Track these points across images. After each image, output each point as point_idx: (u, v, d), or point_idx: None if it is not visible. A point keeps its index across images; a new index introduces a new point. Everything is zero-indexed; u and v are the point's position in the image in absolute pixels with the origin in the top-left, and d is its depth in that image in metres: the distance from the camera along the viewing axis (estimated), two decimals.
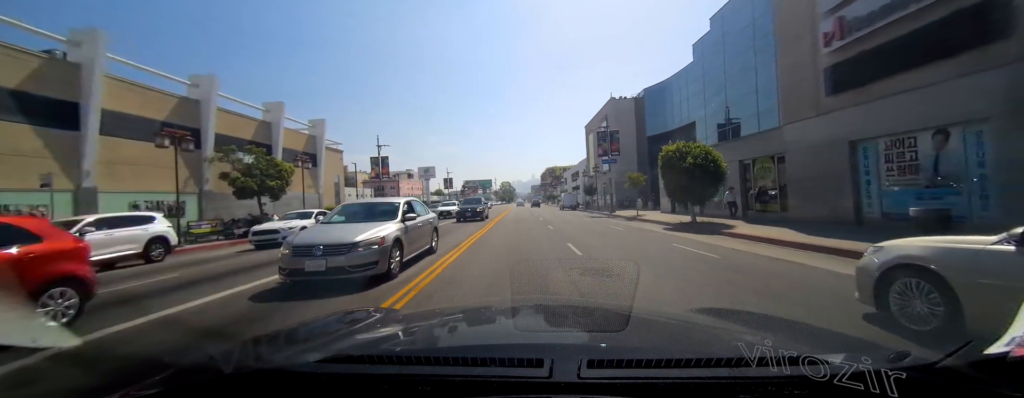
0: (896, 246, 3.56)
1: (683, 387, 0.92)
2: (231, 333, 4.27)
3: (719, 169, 16.21)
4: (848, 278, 4.45)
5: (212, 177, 21.73)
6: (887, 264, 3.49)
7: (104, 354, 3.69)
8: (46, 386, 2.60)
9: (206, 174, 21.97)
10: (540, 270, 6.96)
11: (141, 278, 8.38)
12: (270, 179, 21.16)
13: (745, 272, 6.50)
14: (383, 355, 1.14)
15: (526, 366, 1.01)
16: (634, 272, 6.71)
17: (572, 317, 1.78)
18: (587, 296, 5.16)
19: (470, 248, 10.62)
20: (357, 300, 5.37)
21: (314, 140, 32.94)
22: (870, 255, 3.76)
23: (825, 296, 4.90)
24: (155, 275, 8.66)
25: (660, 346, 1.35)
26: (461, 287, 5.91)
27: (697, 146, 16.81)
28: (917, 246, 3.39)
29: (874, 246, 3.81)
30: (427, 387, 0.96)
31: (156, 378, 1.01)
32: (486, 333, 1.64)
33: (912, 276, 3.28)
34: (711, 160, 16.20)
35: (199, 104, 22.13)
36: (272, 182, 21.01)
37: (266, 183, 20.86)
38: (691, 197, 16.77)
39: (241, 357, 1.21)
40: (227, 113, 24.45)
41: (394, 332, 1.60)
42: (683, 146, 17.02)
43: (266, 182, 20.88)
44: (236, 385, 1.01)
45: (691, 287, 5.51)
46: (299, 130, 32.54)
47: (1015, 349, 0.83)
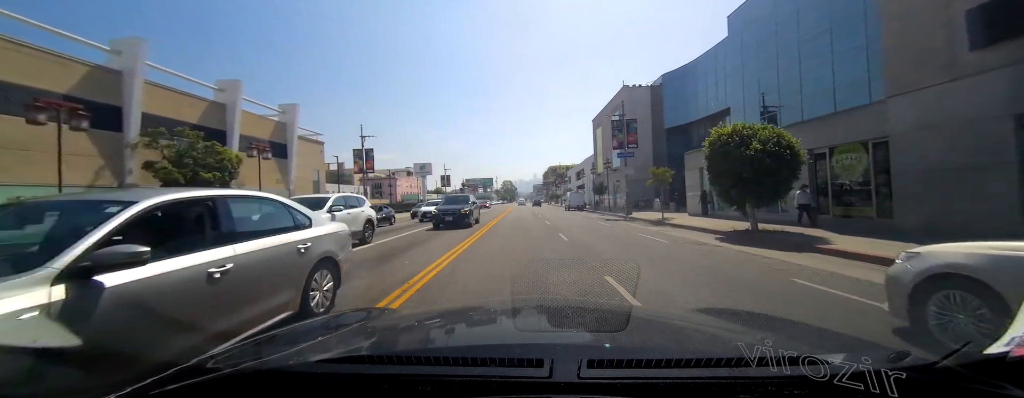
0: (935, 253, 3.16)
1: (683, 387, 0.91)
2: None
3: (797, 158, 11.75)
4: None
5: (137, 167, 17.33)
6: (925, 273, 3.08)
7: (107, 353, 2.80)
8: (46, 386, 2.02)
9: (130, 163, 17.57)
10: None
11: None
12: (206, 170, 16.75)
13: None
14: (383, 355, 1.13)
15: (526, 366, 1.00)
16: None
17: (572, 317, 1.73)
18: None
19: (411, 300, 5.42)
20: None
21: (284, 128, 28.45)
22: (903, 262, 3.36)
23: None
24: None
25: (660, 346, 1.35)
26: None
27: (764, 128, 12.32)
28: (962, 253, 2.98)
29: (906, 252, 3.41)
30: (427, 387, 0.95)
31: (156, 378, 1.00)
32: (486, 333, 1.62)
33: (956, 288, 2.90)
34: (785, 146, 11.75)
35: (121, 76, 17.71)
36: (207, 173, 16.60)
37: (199, 174, 16.46)
38: (754, 196, 12.30)
39: (241, 357, 1.21)
40: (162, 89, 19.96)
41: (394, 332, 1.61)
42: (743, 127, 12.54)
43: (199, 173, 16.48)
44: (236, 385, 1.00)
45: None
46: (267, 116, 28.10)
47: (1015, 349, 0.84)
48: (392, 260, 8.51)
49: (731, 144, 12.33)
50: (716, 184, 13.60)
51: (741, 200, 13.06)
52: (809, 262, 7.20)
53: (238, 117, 23.13)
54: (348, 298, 4.98)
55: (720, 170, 12.94)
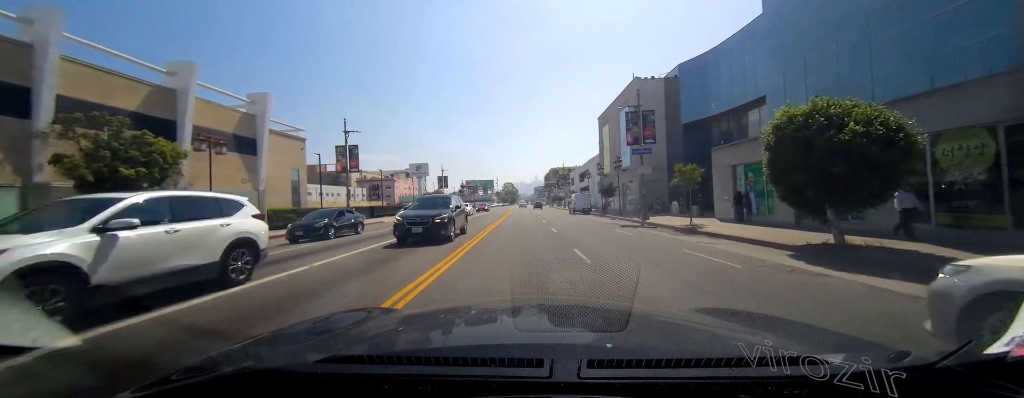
0: (991, 267, 2.77)
1: (683, 387, 0.90)
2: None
3: (913, 146, 8.37)
4: None
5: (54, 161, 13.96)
6: (980, 290, 2.70)
7: (105, 354, 3.49)
8: (45, 386, 2.29)
9: (40, 157, 14.22)
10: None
11: None
12: (129, 165, 13.37)
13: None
14: (383, 355, 1.12)
15: (526, 366, 1.00)
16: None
17: (572, 317, 1.76)
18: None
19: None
20: None
21: (253, 120, 25.02)
22: (950, 276, 2.97)
23: None
24: None
25: (660, 346, 1.33)
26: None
27: (858, 105, 8.94)
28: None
29: (953, 265, 3.05)
30: (427, 387, 0.94)
31: (156, 378, 1.01)
32: (486, 333, 1.61)
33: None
34: (895, 128, 8.37)
35: (33, 49, 14.39)
36: (129, 170, 13.21)
37: (118, 171, 13.07)
38: (848, 199, 8.93)
39: (241, 357, 1.22)
40: (87, 67, 16.57)
41: (394, 332, 1.61)
42: (829, 104, 9.18)
43: (119, 169, 13.10)
44: (236, 385, 1.00)
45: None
46: (233, 107, 24.74)
47: (1015, 349, 0.85)
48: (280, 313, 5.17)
49: (813, 127, 8.95)
50: (782, 183, 10.20)
51: (820, 204, 9.69)
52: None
53: (191, 105, 19.73)
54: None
55: (791, 164, 9.55)
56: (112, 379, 1.37)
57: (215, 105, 22.43)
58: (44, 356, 3.11)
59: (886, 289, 5.36)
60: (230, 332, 4.12)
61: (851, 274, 6.37)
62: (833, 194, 9.08)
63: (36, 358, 3.05)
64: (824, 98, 9.56)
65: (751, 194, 18.63)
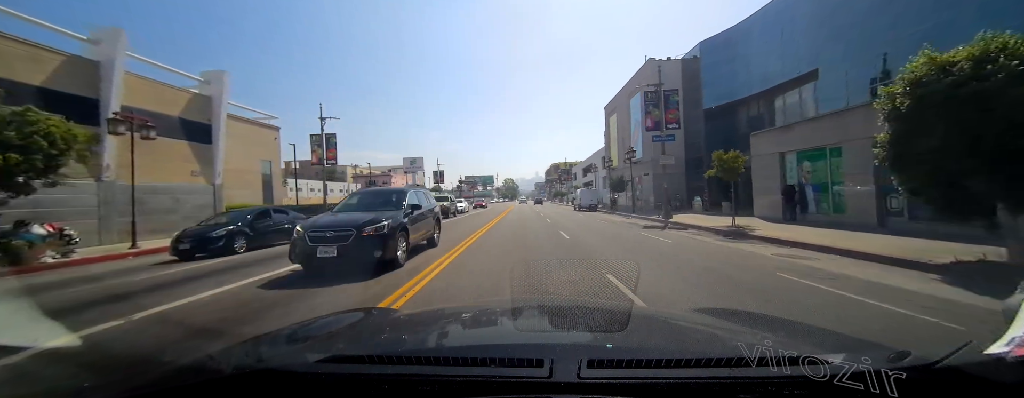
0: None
1: (683, 387, 0.89)
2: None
3: None
4: None
5: None
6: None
7: (104, 353, 3.28)
8: (44, 386, 2.16)
9: None
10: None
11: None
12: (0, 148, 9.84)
13: None
14: (383, 355, 1.10)
15: (526, 366, 0.99)
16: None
17: (572, 317, 1.73)
18: None
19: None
20: None
21: (208, 103, 21.35)
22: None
23: None
24: None
25: (660, 346, 1.32)
26: None
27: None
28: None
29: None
30: (427, 387, 0.93)
31: (155, 378, 1.01)
32: (486, 333, 1.60)
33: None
34: None
35: None
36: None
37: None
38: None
39: (240, 357, 1.20)
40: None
41: (394, 332, 1.59)
42: (1000, 47, 5.70)
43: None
44: (236, 385, 0.99)
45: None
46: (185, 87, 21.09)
47: (1015, 349, 0.83)
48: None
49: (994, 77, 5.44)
50: (921, 166, 6.68)
51: (990, 199, 6.20)
52: None
53: (118, 80, 16.11)
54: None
55: (941, 138, 6.07)
56: (111, 378, 1.15)
57: (155, 83, 18.75)
58: (47, 356, 3.03)
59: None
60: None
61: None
62: (1018, 183, 5.62)
63: (40, 358, 2.96)
64: (988, 35, 6.05)
65: (808, 188, 15.09)
